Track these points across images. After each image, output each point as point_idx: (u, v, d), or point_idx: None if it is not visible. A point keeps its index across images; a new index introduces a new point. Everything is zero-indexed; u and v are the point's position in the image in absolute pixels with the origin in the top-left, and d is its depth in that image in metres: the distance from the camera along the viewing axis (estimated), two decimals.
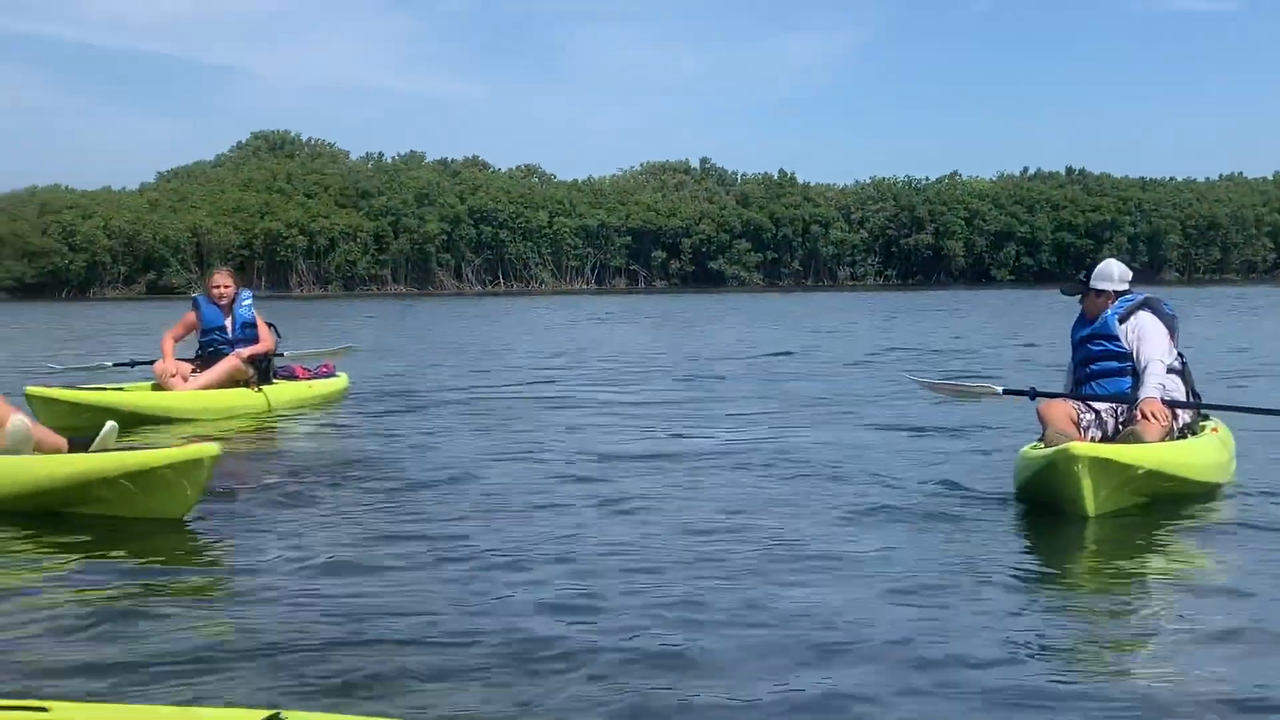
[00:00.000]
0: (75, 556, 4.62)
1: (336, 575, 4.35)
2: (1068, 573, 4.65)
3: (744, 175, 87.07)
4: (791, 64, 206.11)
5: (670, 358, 16.87)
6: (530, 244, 77.57)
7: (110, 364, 10.49)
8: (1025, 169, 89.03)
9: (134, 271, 72.43)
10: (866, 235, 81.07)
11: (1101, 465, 5.11)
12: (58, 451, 5.72)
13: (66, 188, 76.47)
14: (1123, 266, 6.32)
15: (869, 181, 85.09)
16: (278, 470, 6.48)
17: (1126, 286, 6.27)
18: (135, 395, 8.77)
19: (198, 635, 3.66)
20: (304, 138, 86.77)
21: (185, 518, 5.28)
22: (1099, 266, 6.35)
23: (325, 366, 10.96)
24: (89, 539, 4.89)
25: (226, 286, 9.56)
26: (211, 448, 5.42)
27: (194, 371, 9.34)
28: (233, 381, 9.33)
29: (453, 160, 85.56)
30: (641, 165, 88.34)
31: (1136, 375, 6.00)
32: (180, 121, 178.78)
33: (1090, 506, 5.14)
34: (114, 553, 4.69)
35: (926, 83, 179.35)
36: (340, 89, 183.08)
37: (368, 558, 4.60)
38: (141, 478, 5.27)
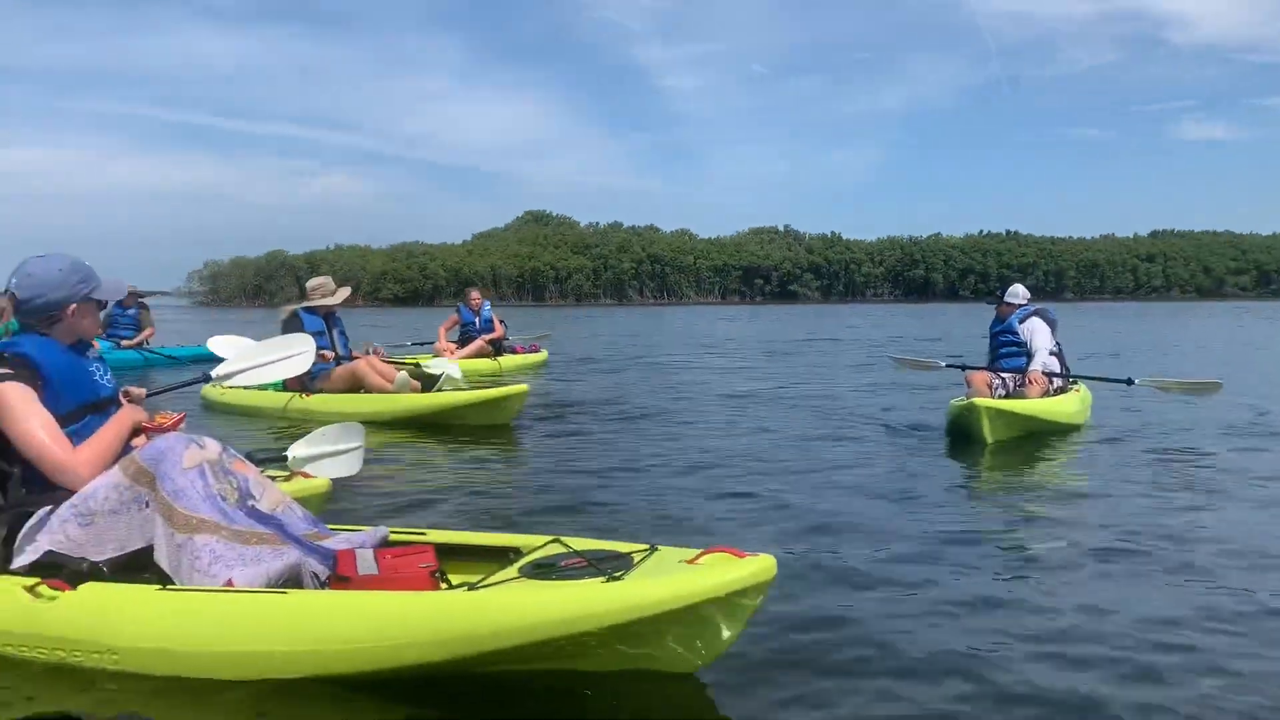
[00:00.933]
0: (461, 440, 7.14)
1: (606, 447, 6.65)
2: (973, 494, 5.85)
3: (810, 234, 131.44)
4: (841, 166, 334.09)
5: (766, 337, 26.88)
6: (682, 275, 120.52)
7: (409, 342, 15.79)
8: (981, 229, 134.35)
9: (458, 291, 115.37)
10: (884, 270, 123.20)
11: (995, 412, 7.21)
12: (417, 393, 8.68)
13: (419, 242, 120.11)
14: (1024, 289, 8.63)
15: (886, 238, 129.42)
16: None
17: (1025, 301, 8.52)
18: (429, 360, 11.36)
19: (498, 481, 5.59)
20: (554, 213, 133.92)
21: (510, 424, 8.27)
22: (1010, 288, 8.66)
23: (535, 345, 15.42)
24: (467, 438, 7.45)
25: (477, 299, 14.03)
26: (523, 387, 8.36)
27: (457, 348, 13.66)
28: (479, 354, 13.50)
29: (638, 226, 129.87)
30: (749, 229, 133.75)
31: (1029, 356, 8.16)
32: (484, 204, 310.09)
33: (988, 437, 7.16)
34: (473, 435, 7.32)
35: (921, 177, 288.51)
36: (574, 182, 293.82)
37: (605, 442, 7.01)
38: (483, 405, 8.21)
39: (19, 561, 3.14)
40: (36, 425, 3.13)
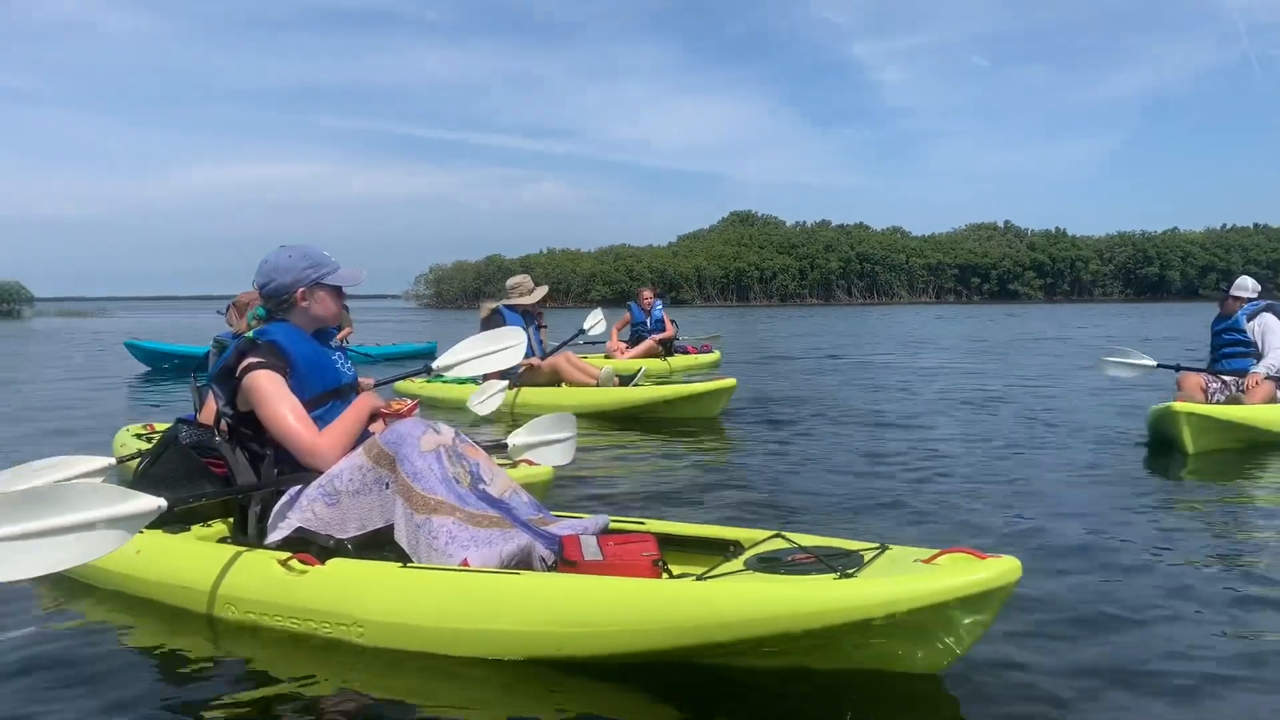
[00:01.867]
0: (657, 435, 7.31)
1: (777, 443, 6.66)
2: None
3: (1032, 230, 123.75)
4: (1067, 158, 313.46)
5: (979, 335, 26.87)
6: (894, 274, 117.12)
7: (581, 340, 11.99)
8: (1225, 223, 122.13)
9: (664, 291, 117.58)
10: (1113, 268, 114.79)
11: (1196, 418, 6.54)
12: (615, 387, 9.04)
13: (626, 245, 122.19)
14: (1254, 281, 7.74)
15: (1116, 234, 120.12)
16: None
17: (1255, 295, 7.63)
18: (617, 363, 11.78)
19: (709, 475, 5.75)
20: (759, 213, 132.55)
21: (718, 419, 8.54)
22: (1237, 280, 7.79)
23: (706, 345, 15.03)
24: (674, 432, 7.50)
25: (649, 299, 13.74)
26: (731, 381, 8.64)
27: (627, 347, 13.55)
28: (649, 354, 13.26)
29: (846, 224, 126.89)
30: (965, 225, 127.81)
31: (1259, 359, 7.31)
32: (690, 206, 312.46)
33: (1189, 446, 6.52)
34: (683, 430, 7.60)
35: (1155, 168, 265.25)
36: (781, 182, 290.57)
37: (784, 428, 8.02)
38: (691, 399, 8.60)
39: (273, 537, 3.36)
40: (286, 410, 3.34)
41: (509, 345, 4.58)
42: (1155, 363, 7.73)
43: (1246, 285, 7.69)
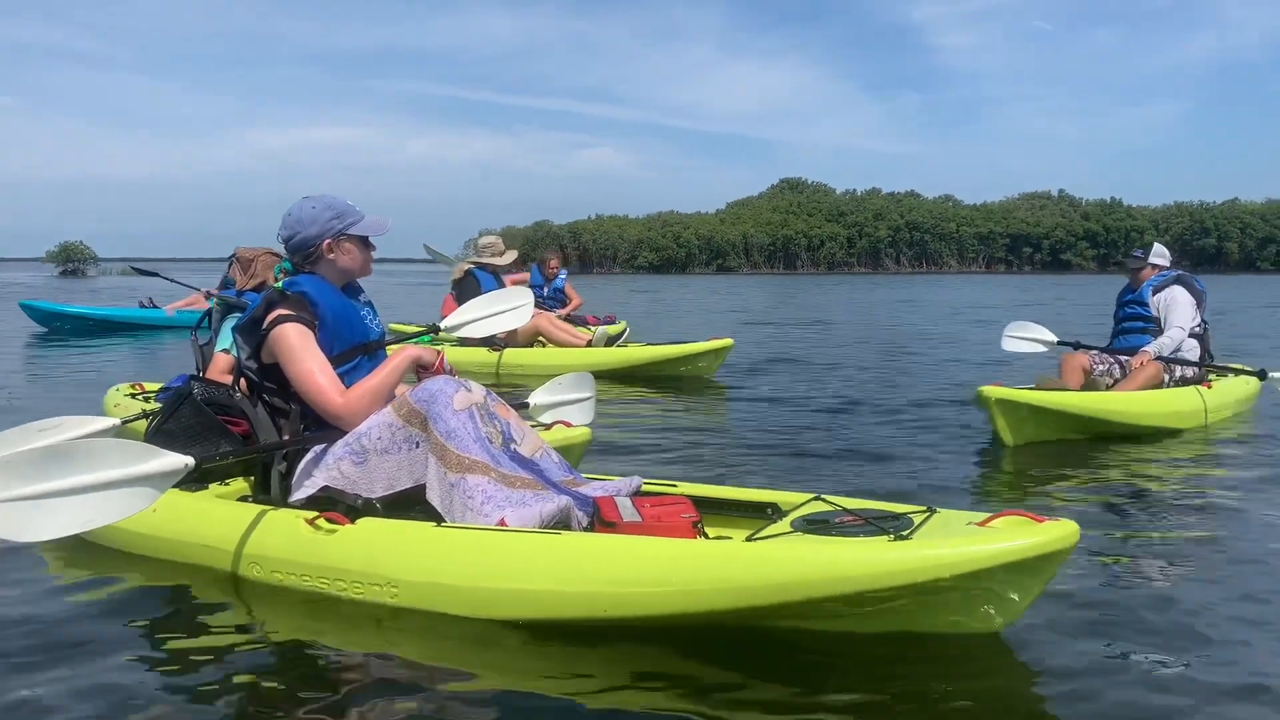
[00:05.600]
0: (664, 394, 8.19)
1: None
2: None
3: (1087, 200, 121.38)
4: (1130, 126, 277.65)
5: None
6: (944, 243, 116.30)
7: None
8: None
9: (710, 259, 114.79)
10: (1169, 239, 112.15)
11: (1006, 404, 5.53)
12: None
13: (674, 211, 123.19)
14: (1165, 249, 6.88)
15: (1173, 204, 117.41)
16: None
17: (1167, 264, 6.79)
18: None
19: (721, 436, 5.43)
20: (809, 180, 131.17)
21: (713, 378, 8.72)
22: (1152, 247, 6.90)
23: (609, 317, 11.93)
24: (678, 392, 7.33)
25: (554, 266, 11.16)
26: (728, 341, 8.75)
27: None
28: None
29: (897, 192, 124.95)
30: (1019, 194, 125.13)
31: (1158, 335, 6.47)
32: (741, 172, 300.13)
33: (1006, 438, 5.58)
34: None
35: (1221, 136, 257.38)
36: (834, 147, 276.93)
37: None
38: (688, 358, 8.74)
39: (297, 495, 3.26)
40: (314, 366, 3.23)
41: (518, 305, 4.48)
42: (1056, 339, 7.10)
43: (1164, 254, 6.93)
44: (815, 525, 2.79)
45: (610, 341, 9.26)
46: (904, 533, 2.64)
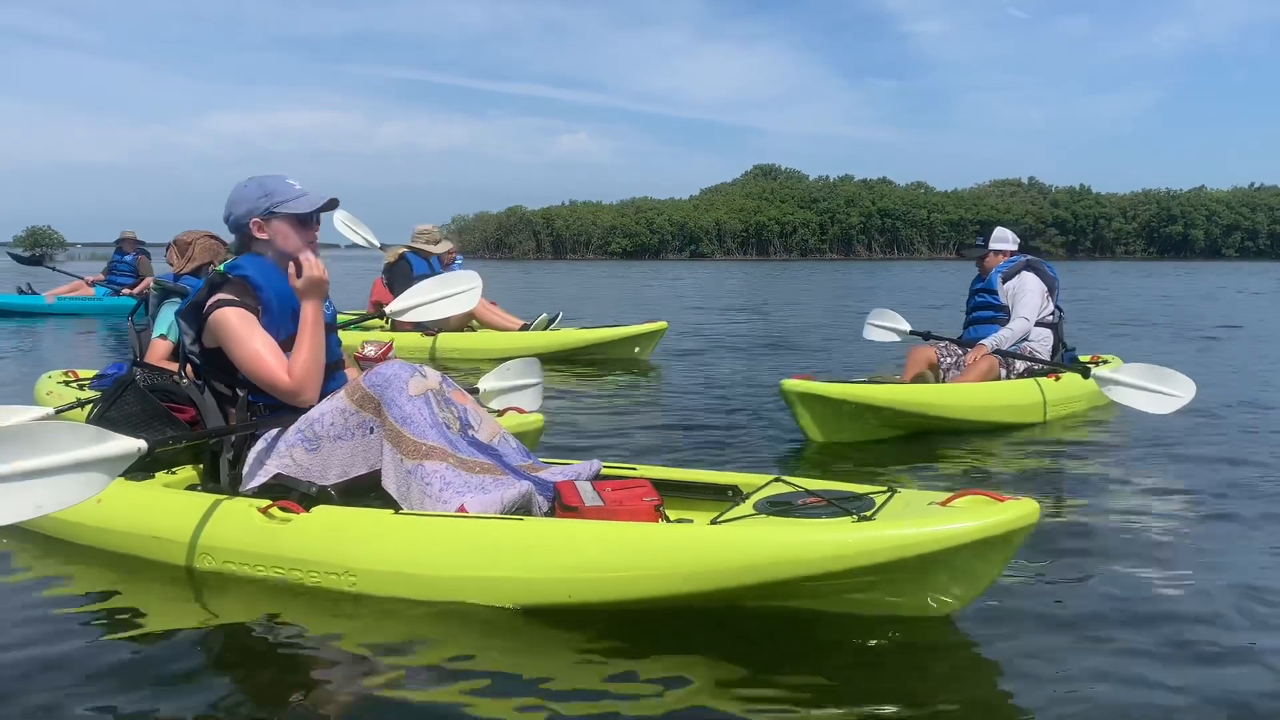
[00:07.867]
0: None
1: None
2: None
3: (1056, 187, 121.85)
4: (1100, 114, 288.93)
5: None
6: (914, 229, 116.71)
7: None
8: (1253, 182, 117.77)
9: (683, 245, 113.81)
10: (1136, 226, 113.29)
11: (807, 398, 5.14)
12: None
13: (647, 197, 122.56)
14: (1013, 234, 6.49)
15: (1141, 191, 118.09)
16: None
17: (1014, 250, 6.42)
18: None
19: (666, 418, 5.49)
20: (782, 166, 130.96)
21: (648, 361, 8.90)
22: (995, 232, 6.50)
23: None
24: (616, 374, 8.51)
25: (451, 253, 10.03)
26: (663, 324, 9.16)
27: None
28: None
29: (869, 179, 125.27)
30: (989, 181, 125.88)
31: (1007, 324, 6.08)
32: (715, 159, 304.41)
33: (812, 433, 5.22)
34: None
35: (1188, 125, 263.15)
36: (807, 134, 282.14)
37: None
38: (623, 341, 8.87)
39: (250, 484, 3.19)
40: (260, 347, 3.15)
41: (465, 289, 4.42)
42: (910, 328, 6.87)
43: (1006, 238, 6.52)
44: (779, 507, 2.78)
45: (547, 325, 9.39)
46: (867, 513, 2.63)
